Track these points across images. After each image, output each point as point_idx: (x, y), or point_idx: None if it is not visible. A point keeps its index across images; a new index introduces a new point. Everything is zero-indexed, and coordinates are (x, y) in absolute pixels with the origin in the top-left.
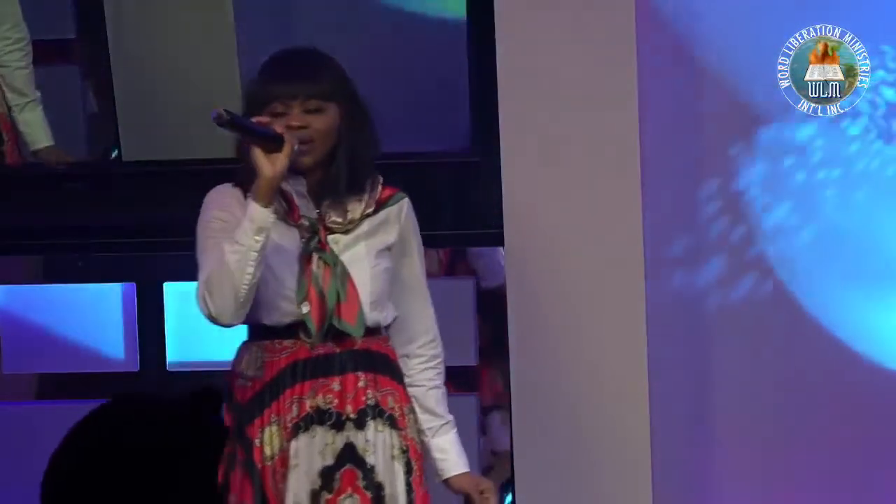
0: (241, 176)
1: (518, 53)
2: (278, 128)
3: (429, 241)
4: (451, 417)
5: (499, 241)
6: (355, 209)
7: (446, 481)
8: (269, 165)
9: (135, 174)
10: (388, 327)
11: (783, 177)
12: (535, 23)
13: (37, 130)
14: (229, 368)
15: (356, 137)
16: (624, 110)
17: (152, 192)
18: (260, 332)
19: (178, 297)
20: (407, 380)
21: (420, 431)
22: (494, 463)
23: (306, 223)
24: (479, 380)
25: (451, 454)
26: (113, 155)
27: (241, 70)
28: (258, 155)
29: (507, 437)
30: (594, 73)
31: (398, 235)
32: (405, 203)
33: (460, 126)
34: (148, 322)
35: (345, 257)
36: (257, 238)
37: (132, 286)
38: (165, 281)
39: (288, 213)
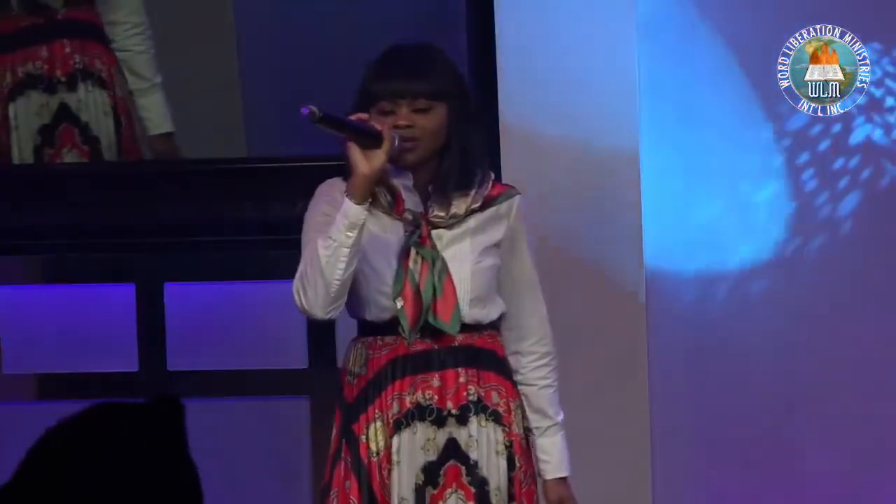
0: (350, 171)
1: (518, 53)
2: (378, 125)
3: None
4: (560, 419)
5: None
6: (460, 205)
7: (543, 483)
8: (365, 162)
9: (135, 174)
10: (495, 323)
11: (783, 177)
12: (535, 23)
13: (156, 115)
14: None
15: (465, 135)
16: (624, 111)
17: (152, 192)
18: (364, 328)
19: (178, 297)
20: (518, 377)
21: (528, 429)
22: None
23: (410, 217)
24: None
25: (553, 457)
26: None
27: (241, 70)
28: (354, 151)
29: None
30: (594, 73)
31: (507, 232)
32: (516, 200)
33: None
34: (148, 322)
35: (447, 253)
36: (349, 234)
37: (132, 286)
38: (165, 281)
39: (393, 207)
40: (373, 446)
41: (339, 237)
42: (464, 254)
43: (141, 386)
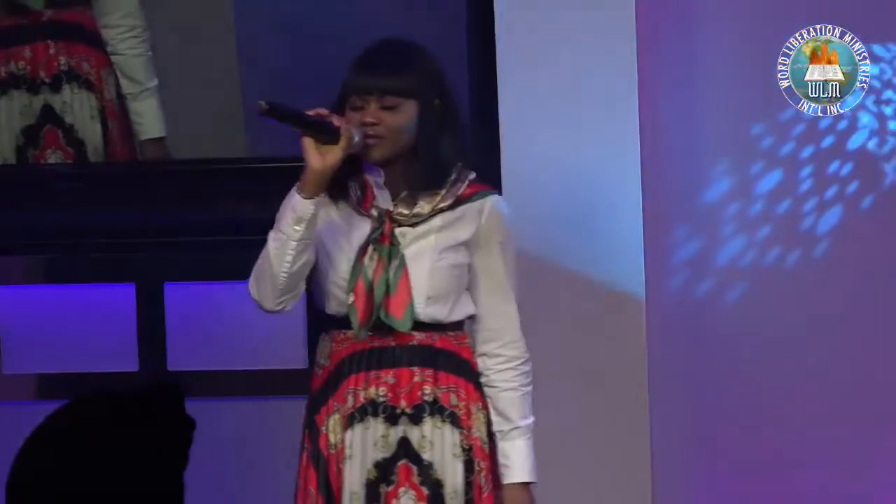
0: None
1: (518, 53)
2: (337, 120)
3: None
4: (524, 423)
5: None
6: (425, 204)
7: (503, 487)
8: (318, 157)
9: (135, 174)
10: (462, 324)
11: (783, 176)
12: (536, 23)
13: (149, 120)
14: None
15: (435, 135)
16: (624, 111)
17: (152, 192)
18: (329, 321)
19: (178, 297)
20: (483, 379)
21: (489, 433)
22: None
23: (375, 213)
24: None
25: (512, 461)
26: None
27: (241, 70)
28: (308, 145)
29: None
30: (594, 73)
31: (475, 232)
32: (490, 201)
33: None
34: (148, 322)
35: (410, 251)
36: (297, 228)
37: (132, 286)
38: (166, 281)
39: (361, 203)
40: (331, 438)
41: (288, 230)
42: (425, 252)
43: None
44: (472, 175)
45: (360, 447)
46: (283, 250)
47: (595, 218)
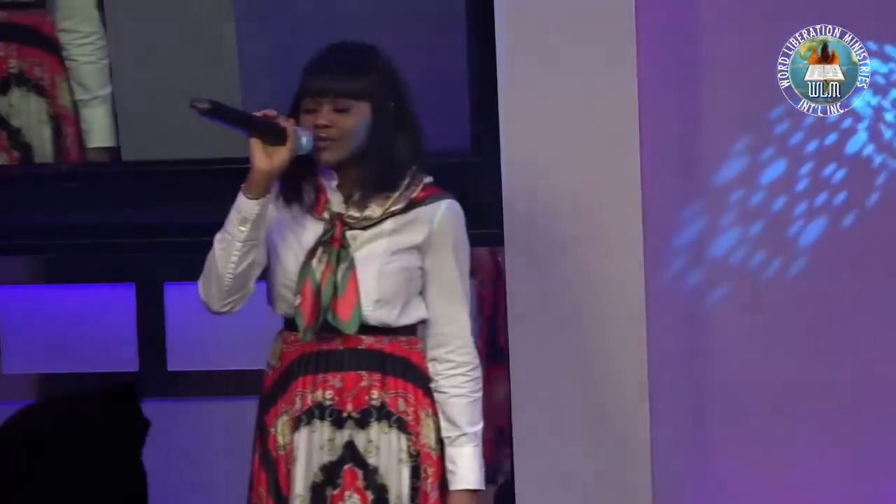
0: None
1: (518, 53)
2: (283, 121)
3: None
4: (472, 430)
5: (499, 241)
6: (376, 207)
7: (449, 494)
8: (264, 158)
9: (135, 174)
10: (413, 329)
11: (783, 177)
12: (536, 22)
13: (97, 128)
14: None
15: (388, 138)
16: (624, 111)
17: (152, 192)
18: (284, 322)
19: (178, 297)
20: (433, 384)
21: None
22: None
23: (327, 216)
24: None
25: (459, 468)
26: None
27: (241, 70)
28: (255, 146)
29: None
30: (594, 73)
31: (427, 236)
32: (442, 205)
33: (460, 126)
34: (148, 322)
35: (360, 253)
36: (241, 228)
37: (132, 286)
38: (165, 281)
39: (314, 206)
40: (280, 440)
41: (233, 231)
42: (375, 255)
43: (141, 386)
44: (428, 179)
45: (307, 450)
46: (228, 251)
47: (595, 218)
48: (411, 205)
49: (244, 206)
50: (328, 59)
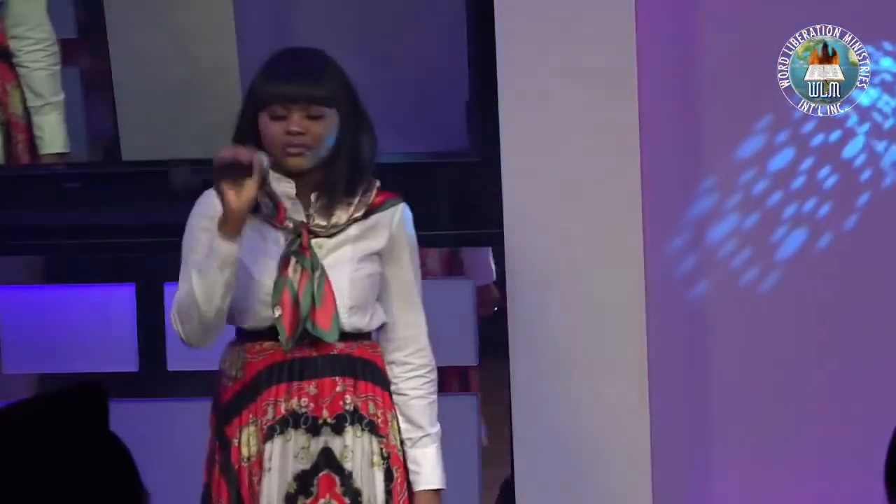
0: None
1: (518, 53)
2: (243, 154)
3: (429, 241)
4: (433, 430)
5: (499, 241)
6: (341, 214)
7: (413, 494)
8: (235, 198)
9: (135, 174)
10: (372, 333)
11: (783, 177)
12: (536, 23)
13: (49, 135)
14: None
15: (354, 142)
16: (624, 110)
17: (152, 192)
18: (243, 334)
19: None
20: (393, 387)
21: (401, 440)
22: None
23: (291, 226)
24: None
25: (423, 468)
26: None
27: (241, 70)
28: (224, 187)
29: None
30: (594, 73)
31: (388, 242)
32: (399, 209)
33: (460, 126)
34: (148, 322)
35: (327, 261)
36: (224, 271)
37: (132, 286)
38: (165, 281)
39: (273, 216)
40: (244, 451)
41: (213, 275)
42: (343, 262)
43: (141, 386)
44: (378, 183)
45: (280, 459)
46: (210, 293)
47: (595, 218)
48: (370, 210)
49: (224, 249)
50: (290, 64)
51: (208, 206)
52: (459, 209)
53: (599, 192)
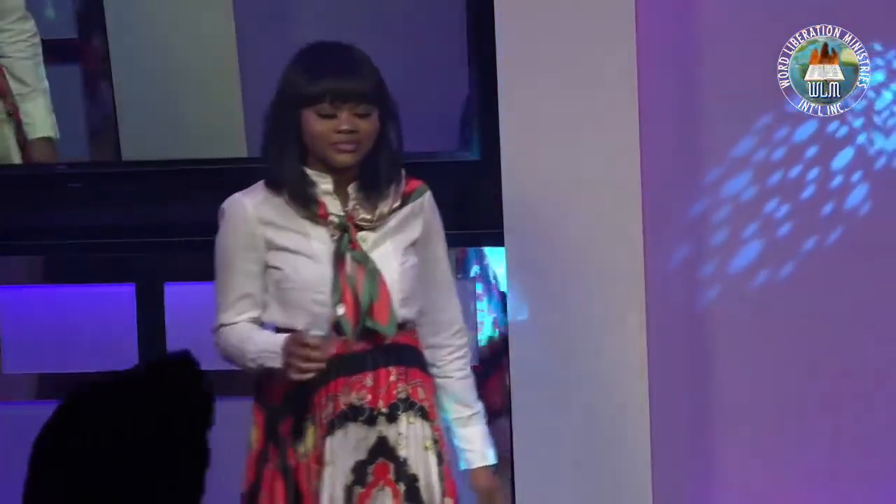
0: (264, 173)
1: (518, 53)
2: (323, 355)
3: None
4: (479, 407)
5: (499, 241)
6: (383, 205)
7: (467, 472)
8: (302, 377)
9: (135, 174)
10: (415, 319)
11: (783, 177)
12: (536, 23)
13: (37, 120)
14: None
15: (389, 133)
16: (624, 110)
17: (152, 192)
18: (293, 332)
19: (178, 297)
20: (435, 370)
21: (450, 421)
22: None
23: (336, 220)
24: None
25: (476, 445)
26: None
27: (241, 70)
28: (294, 374)
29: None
30: (594, 73)
31: (423, 229)
32: (427, 195)
33: (460, 126)
34: (148, 322)
35: (374, 255)
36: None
37: (132, 286)
38: (165, 281)
39: (317, 213)
40: (301, 448)
41: (260, 363)
42: (389, 255)
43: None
44: (404, 171)
45: (340, 453)
46: (254, 364)
47: (595, 218)
48: (404, 200)
49: (276, 362)
50: (334, 61)
51: (241, 227)
52: (459, 209)
53: (599, 192)
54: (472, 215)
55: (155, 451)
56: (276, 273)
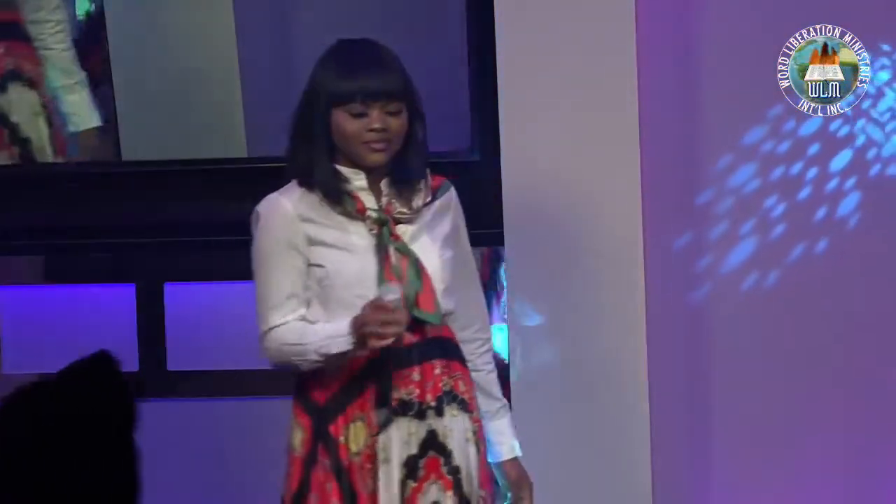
0: (295, 172)
1: (518, 53)
2: (403, 319)
3: None
4: (505, 401)
5: (499, 241)
6: (417, 199)
7: (497, 464)
8: (380, 346)
9: (135, 174)
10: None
11: (783, 177)
12: (536, 23)
13: (84, 111)
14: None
15: (421, 132)
16: (624, 110)
17: (152, 192)
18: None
19: (178, 297)
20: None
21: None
22: None
23: (374, 215)
24: None
25: (506, 437)
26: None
27: (241, 70)
28: (373, 342)
29: None
30: (594, 73)
31: (452, 222)
32: (453, 190)
33: (460, 126)
34: (148, 322)
35: (414, 247)
36: (341, 359)
37: (132, 286)
38: (165, 281)
39: (354, 209)
40: (353, 447)
41: (331, 361)
42: (426, 246)
43: (141, 386)
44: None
45: (393, 448)
46: (319, 367)
47: (595, 218)
48: (434, 194)
49: (354, 353)
50: (363, 60)
51: (280, 224)
52: None
53: (600, 193)
54: (472, 215)
55: (77, 452)
56: (318, 271)
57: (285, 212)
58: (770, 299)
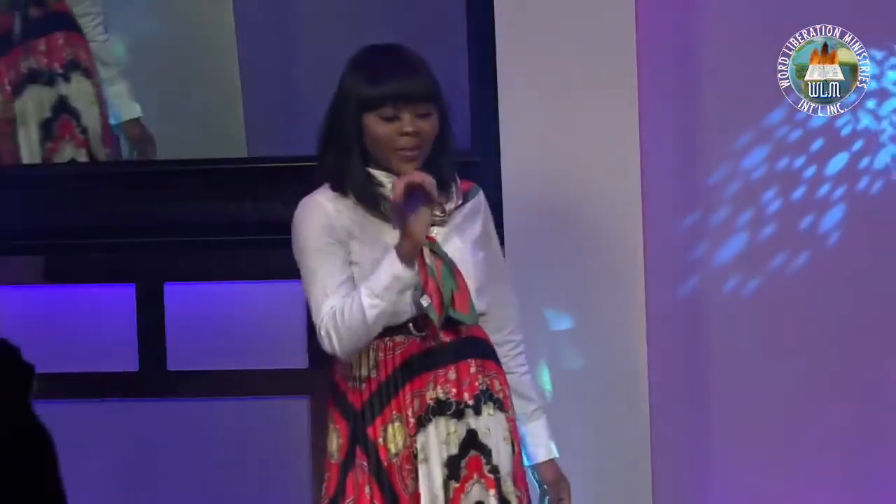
0: (327, 176)
1: (518, 53)
2: (426, 180)
3: None
4: (541, 402)
5: (499, 241)
6: (448, 202)
7: (534, 466)
8: (419, 226)
9: (135, 174)
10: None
11: (783, 177)
12: (536, 22)
13: (127, 101)
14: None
15: (450, 134)
16: (624, 110)
17: (152, 192)
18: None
19: (178, 297)
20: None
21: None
22: None
23: None
24: None
25: (542, 439)
26: None
27: (241, 70)
28: (422, 220)
29: None
30: (594, 73)
31: (482, 225)
32: (482, 194)
33: (460, 126)
34: (148, 322)
35: (447, 249)
36: (404, 294)
37: (132, 286)
38: (165, 281)
39: (387, 210)
40: (392, 448)
41: (389, 297)
42: (460, 248)
43: (141, 386)
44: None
45: (432, 448)
46: (382, 316)
47: (595, 218)
48: (464, 197)
49: (407, 276)
50: (392, 64)
51: (321, 217)
52: None
53: (600, 192)
54: None
55: None
56: (355, 269)
57: (325, 209)
58: (770, 299)
